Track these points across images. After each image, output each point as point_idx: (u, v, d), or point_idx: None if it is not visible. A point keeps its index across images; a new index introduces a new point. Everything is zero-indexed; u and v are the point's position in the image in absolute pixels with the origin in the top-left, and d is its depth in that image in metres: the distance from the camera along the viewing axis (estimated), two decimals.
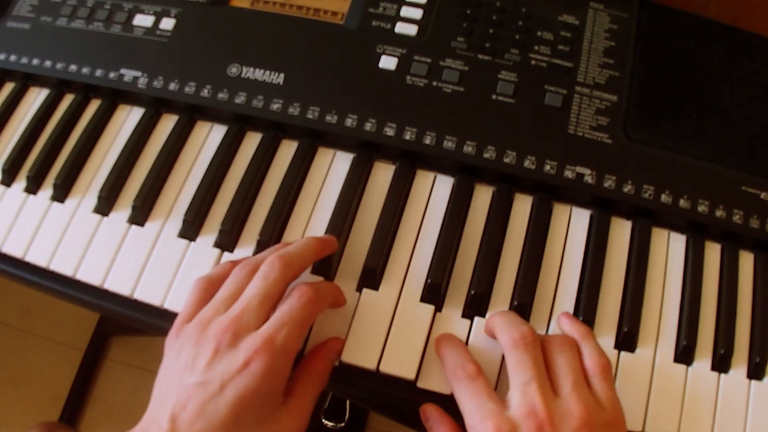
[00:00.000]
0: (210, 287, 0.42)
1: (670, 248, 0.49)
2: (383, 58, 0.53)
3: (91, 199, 0.51)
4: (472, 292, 0.46)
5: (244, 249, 0.48)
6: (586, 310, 0.45)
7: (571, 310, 0.46)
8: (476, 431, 0.37)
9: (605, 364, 0.40)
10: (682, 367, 0.45)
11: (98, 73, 0.54)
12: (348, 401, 0.98)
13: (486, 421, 0.36)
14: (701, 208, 0.48)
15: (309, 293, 0.40)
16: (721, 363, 0.45)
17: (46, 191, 0.52)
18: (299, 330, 0.39)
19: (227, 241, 0.48)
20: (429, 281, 0.46)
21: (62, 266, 0.49)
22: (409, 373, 0.44)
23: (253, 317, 0.39)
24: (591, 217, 0.50)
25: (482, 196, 0.50)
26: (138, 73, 0.54)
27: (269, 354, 0.37)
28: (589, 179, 0.48)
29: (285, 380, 0.39)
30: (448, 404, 0.42)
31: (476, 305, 0.46)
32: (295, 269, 0.42)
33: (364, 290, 0.46)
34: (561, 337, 0.41)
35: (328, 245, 0.45)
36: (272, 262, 0.41)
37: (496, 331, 0.42)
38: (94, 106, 0.56)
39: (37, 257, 0.49)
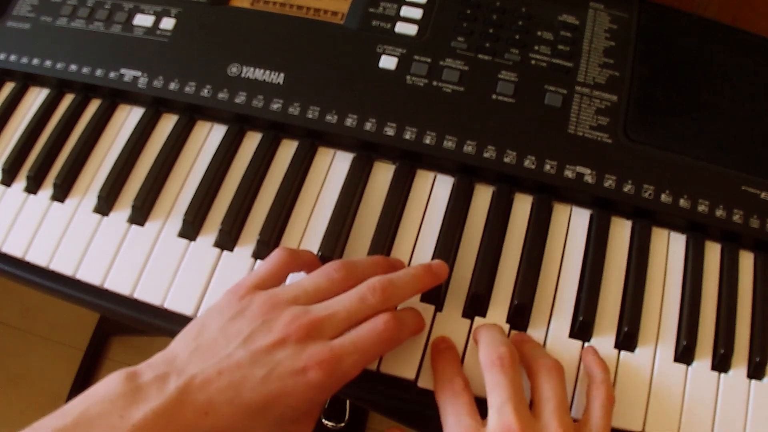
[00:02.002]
0: (293, 264, 0.41)
1: (670, 248, 0.49)
2: (383, 57, 0.53)
3: (91, 199, 0.51)
4: (472, 292, 0.46)
5: (244, 248, 0.48)
6: (586, 310, 0.45)
7: (571, 310, 0.46)
8: None
9: (610, 398, 0.40)
10: (682, 366, 0.45)
11: (98, 73, 0.54)
12: (348, 401, 0.98)
13: None
14: (701, 208, 0.48)
15: (392, 331, 0.39)
16: (721, 363, 0.45)
17: (46, 191, 0.52)
18: (367, 361, 0.38)
19: (227, 240, 0.48)
20: None
21: (62, 266, 0.49)
22: (409, 373, 0.44)
23: (332, 328, 0.38)
24: (591, 217, 0.50)
25: (482, 196, 0.50)
26: (138, 73, 0.54)
27: (330, 371, 0.36)
28: (589, 179, 0.48)
29: (326, 401, 0.38)
30: None
31: (476, 305, 0.46)
32: (393, 304, 0.41)
33: None
34: (549, 362, 0.40)
35: (436, 277, 0.43)
36: (374, 289, 0.39)
37: (479, 347, 0.41)
38: (94, 106, 0.56)
39: (37, 257, 0.49)
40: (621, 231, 0.49)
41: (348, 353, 0.37)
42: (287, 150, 0.52)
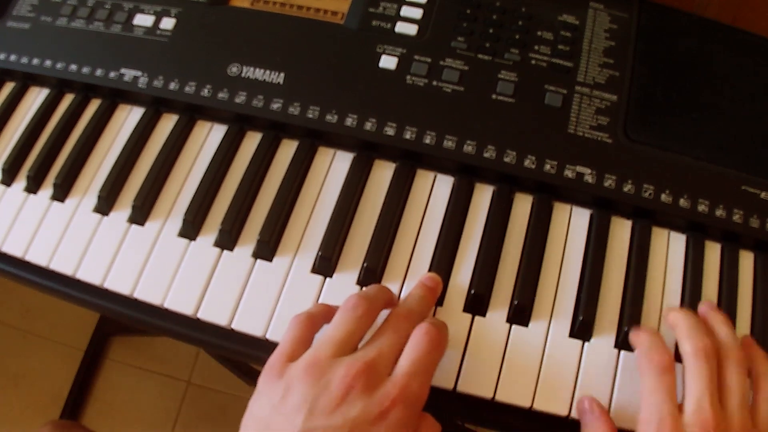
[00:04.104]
0: (312, 326, 0.41)
1: (670, 248, 0.49)
2: (383, 57, 0.53)
3: (91, 199, 0.51)
4: (473, 292, 0.46)
5: (245, 248, 0.48)
6: (586, 309, 0.45)
7: (571, 310, 0.46)
8: (647, 426, 0.38)
9: None
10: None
11: (98, 72, 0.54)
12: None
13: (661, 423, 0.37)
14: (701, 208, 0.48)
15: (435, 337, 0.39)
16: None
17: (46, 191, 0.52)
18: (430, 377, 0.38)
19: (227, 240, 0.48)
20: None
21: (62, 266, 0.49)
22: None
23: (386, 364, 0.37)
24: (591, 216, 0.50)
25: (482, 196, 0.50)
26: (138, 73, 0.54)
27: (406, 404, 0.35)
28: (589, 179, 0.48)
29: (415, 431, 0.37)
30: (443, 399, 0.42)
31: (476, 305, 0.46)
32: (416, 324, 0.41)
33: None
34: (739, 355, 0.41)
35: (435, 291, 0.45)
36: (402, 318, 0.40)
37: (678, 334, 0.42)
38: (94, 105, 0.56)
39: (37, 257, 0.49)
40: (621, 231, 0.49)
41: (411, 377, 0.37)
42: (287, 150, 0.52)
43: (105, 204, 0.50)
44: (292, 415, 0.35)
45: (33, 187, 0.52)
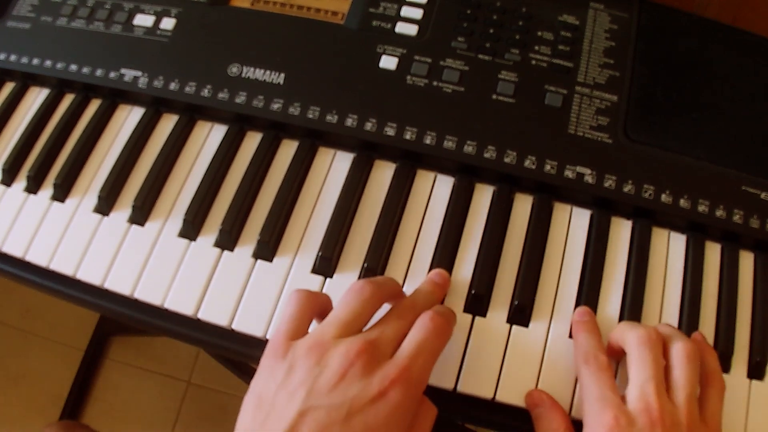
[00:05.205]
0: (314, 303, 0.40)
1: (670, 248, 0.49)
2: (384, 57, 0.53)
3: (92, 199, 0.51)
4: (473, 292, 0.46)
5: (245, 248, 0.48)
6: None
7: (571, 310, 0.46)
8: (594, 419, 0.38)
9: (723, 384, 0.41)
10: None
11: (98, 72, 0.54)
12: None
13: (606, 410, 0.37)
14: (701, 208, 0.48)
15: (441, 324, 0.39)
16: (720, 362, 0.45)
17: (47, 191, 0.52)
18: (433, 361, 0.38)
19: (228, 240, 0.48)
20: None
21: (62, 266, 0.49)
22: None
23: (387, 345, 0.37)
24: (591, 217, 0.50)
25: (482, 196, 0.50)
26: (138, 73, 0.54)
27: (406, 385, 0.35)
28: (589, 179, 0.48)
29: (413, 415, 0.37)
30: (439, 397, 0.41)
31: (476, 305, 0.46)
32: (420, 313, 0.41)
33: None
34: (689, 348, 0.40)
35: (443, 287, 0.45)
36: (408, 308, 0.40)
37: (623, 331, 0.42)
38: (94, 106, 0.56)
39: (37, 257, 0.49)
40: (621, 231, 0.49)
41: (413, 359, 0.37)
42: (287, 150, 0.52)
43: (105, 204, 0.50)
44: (293, 393, 0.35)
45: (33, 187, 0.52)
